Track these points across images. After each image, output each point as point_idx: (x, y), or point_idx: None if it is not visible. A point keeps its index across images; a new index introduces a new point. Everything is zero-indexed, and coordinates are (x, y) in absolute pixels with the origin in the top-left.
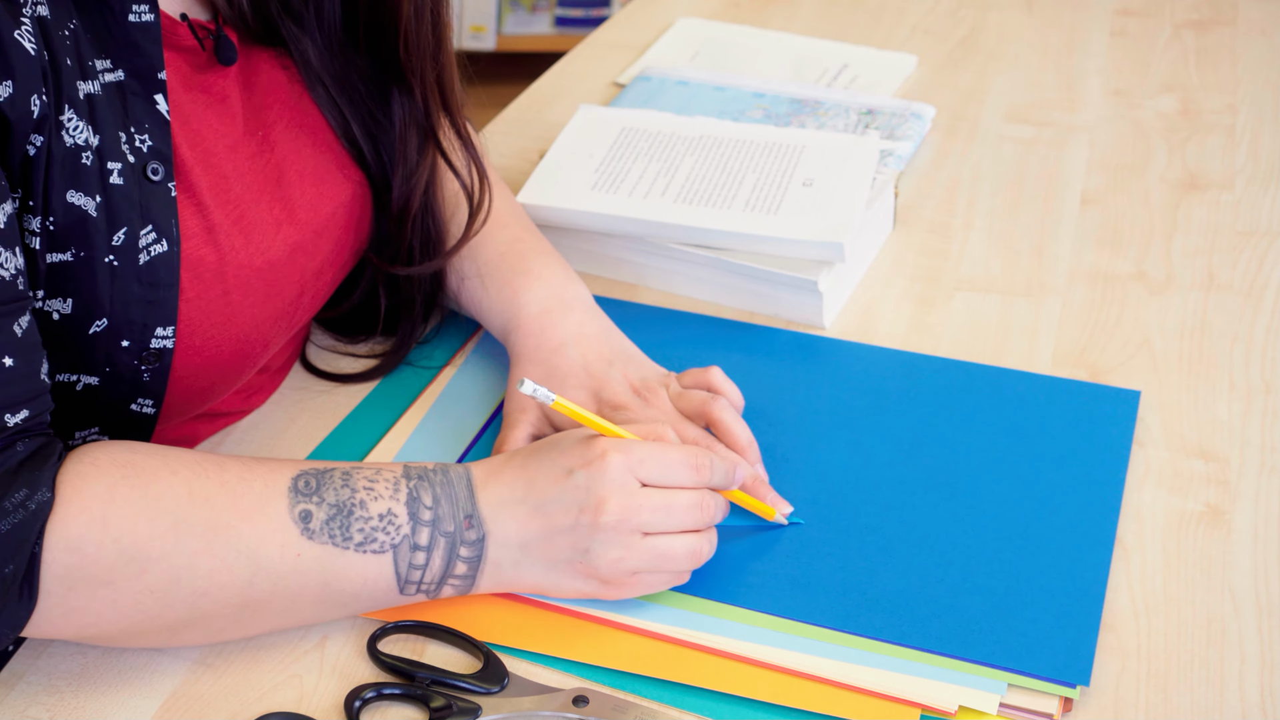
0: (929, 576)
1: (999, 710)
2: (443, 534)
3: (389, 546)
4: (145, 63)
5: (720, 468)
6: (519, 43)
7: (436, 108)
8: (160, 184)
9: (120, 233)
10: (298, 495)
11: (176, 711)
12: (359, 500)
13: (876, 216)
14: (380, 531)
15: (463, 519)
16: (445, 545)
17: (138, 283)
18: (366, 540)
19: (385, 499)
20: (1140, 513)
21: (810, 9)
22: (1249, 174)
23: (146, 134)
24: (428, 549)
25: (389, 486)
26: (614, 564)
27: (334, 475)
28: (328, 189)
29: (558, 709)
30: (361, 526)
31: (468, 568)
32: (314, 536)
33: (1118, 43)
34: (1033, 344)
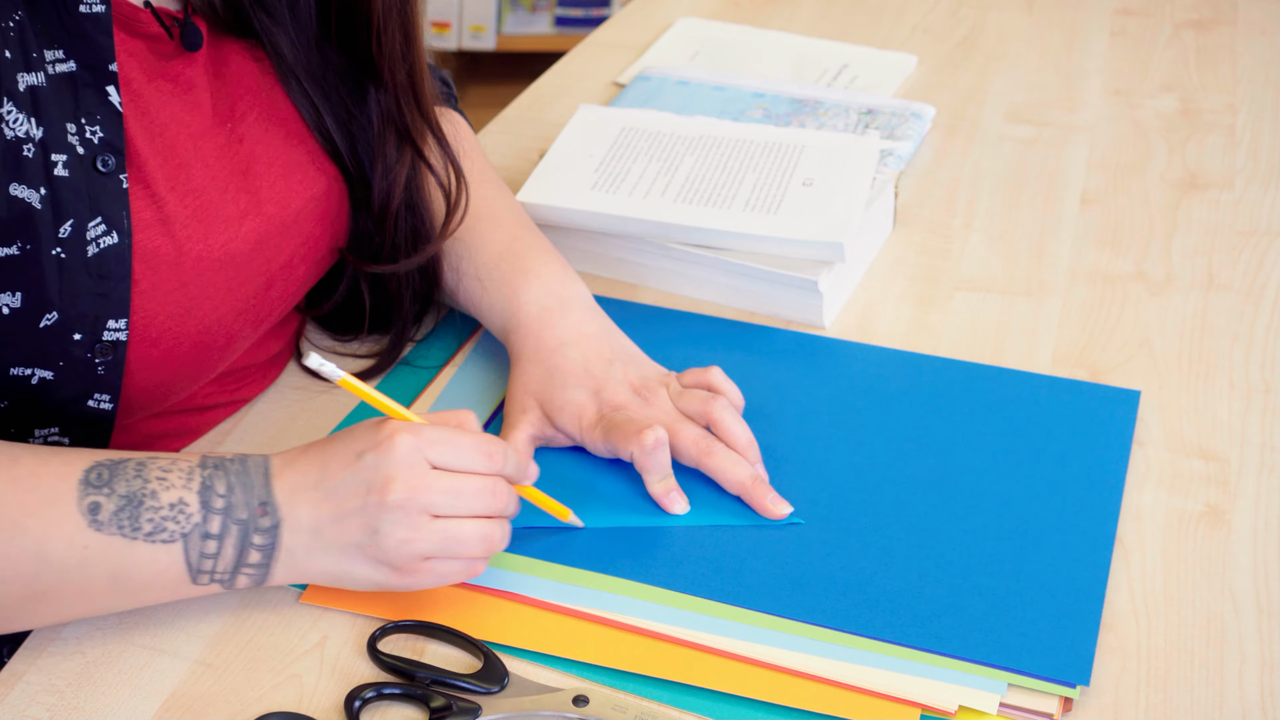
0: (929, 576)
1: (999, 710)
2: (235, 521)
3: (179, 535)
4: (96, 54)
5: (513, 459)
6: (519, 43)
7: (410, 105)
8: (110, 175)
9: (67, 225)
10: (88, 487)
11: (176, 711)
12: (150, 490)
13: (876, 216)
14: (170, 520)
15: (257, 506)
16: (238, 533)
17: (87, 275)
18: (156, 530)
19: (178, 488)
20: (1140, 513)
21: (810, 9)
22: (1249, 174)
23: (98, 125)
24: (219, 537)
25: (182, 476)
26: (402, 545)
27: (128, 466)
28: (298, 182)
29: (558, 709)
30: (151, 516)
31: (261, 555)
32: (102, 528)
33: (1118, 43)
34: (1033, 344)
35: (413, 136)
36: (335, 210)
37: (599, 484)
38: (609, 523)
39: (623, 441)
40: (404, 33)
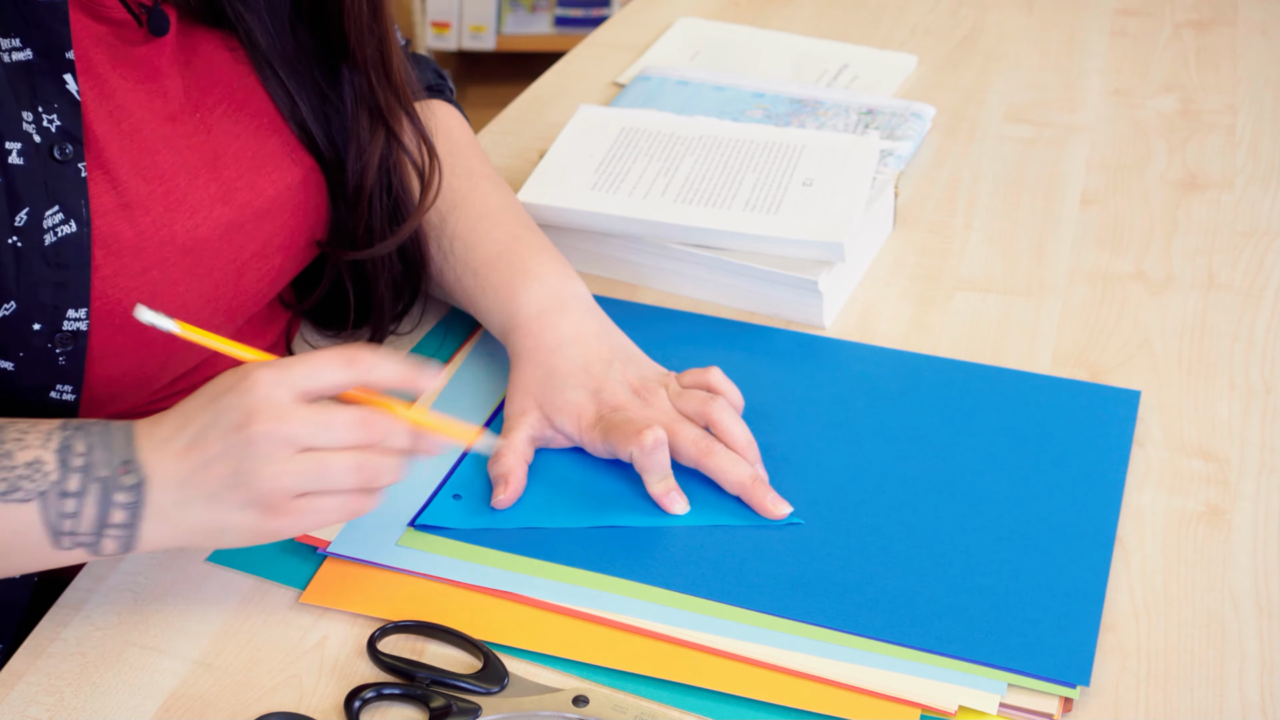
0: (929, 576)
1: (999, 710)
2: (95, 480)
3: (35, 494)
4: (53, 42)
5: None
6: (519, 43)
7: (381, 83)
8: (68, 164)
9: (23, 213)
10: None
11: (176, 711)
12: (5, 450)
13: (876, 216)
14: (25, 480)
15: (118, 465)
16: (98, 491)
17: (45, 264)
18: (10, 489)
19: (34, 448)
20: (1140, 513)
21: (810, 9)
22: (1249, 174)
23: (55, 114)
24: (78, 495)
25: (40, 436)
26: (269, 480)
27: None
28: (271, 172)
29: (558, 709)
30: (6, 475)
31: (127, 515)
32: None
33: (1118, 43)
34: (1033, 344)
35: (385, 115)
36: (313, 201)
37: (599, 484)
38: (609, 522)
39: (622, 442)
40: (371, 8)
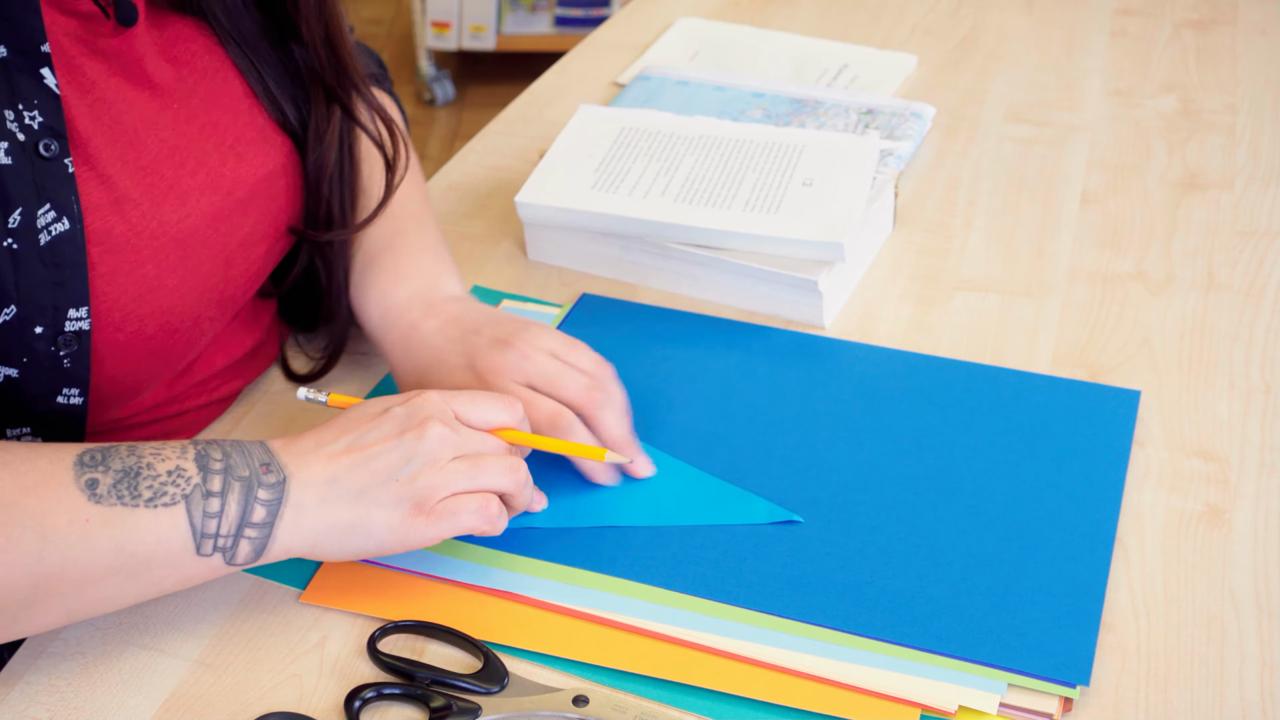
0: (929, 576)
1: (999, 710)
2: (237, 478)
3: (180, 498)
4: (26, 36)
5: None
6: (519, 43)
7: (332, 65)
8: (55, 160)
9: (15, 214)
10: (83, 467)
11: (176, 711)
12: (145, 463)
13: (876, 216)
14: (170, 485)
15: (259, 465)
16: (241, 489)
17: (41, 264)
18: (156, 495)
19: (173, 459)
20: (1140, 513)
21: (810, 9)
22: (1249, 174)
23: (36, 110)
24: (221, 494)
25: (176, 449)
26: (432, 475)
27: (119, 448)
28: (254, 157)
29: (558, 709)
30: (150, 484)
31: (266, 512)
32: (101, 500)
33: (1118, 43)
34: (1033, 344)
35: (339, 96)
36: (292, 186)
37: (576, 485)
38: (609, 522)
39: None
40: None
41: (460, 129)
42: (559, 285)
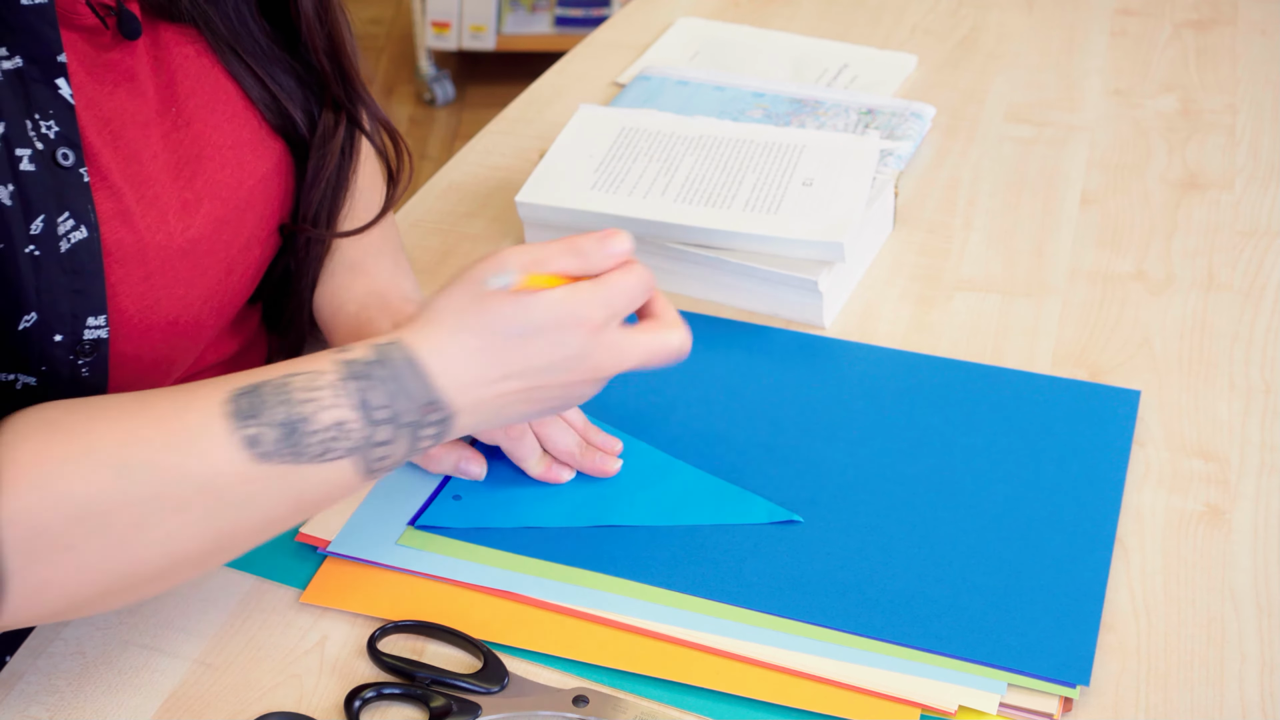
0: (929, 576)
1: (999, 710)
2: (404, 426)
3: (348, 451)
4: (43, 47)
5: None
6: (519, 43)
7: (335, 74)
8: (71, 169)
9: (38, 221)
10: (238, 420)
11: (176, 711)
12: (304, 414)
13: (876, 216)
14: (335, 441)
15: (423, 406)
16: (408, 434)
17: (62, 272)
18: (325, 451)
19: (331, 408)
20: (1140, 513)
21: (810, 9)
22: (1249, 174)
23: (52, 120)
24: (389, 443)
25: (331, 393)
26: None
27: (267, 390)
28: (248, 161)
29: (558, 709)
30: (316, 439)
31: (431, 441)
32: (269, 459)
33: (1118, 43)
34: (1033, 344)
35: (344, 103)
36: (284, 186)
37: (598, 484)
38: (609, 522)
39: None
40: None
41: (460, 129)
42: None
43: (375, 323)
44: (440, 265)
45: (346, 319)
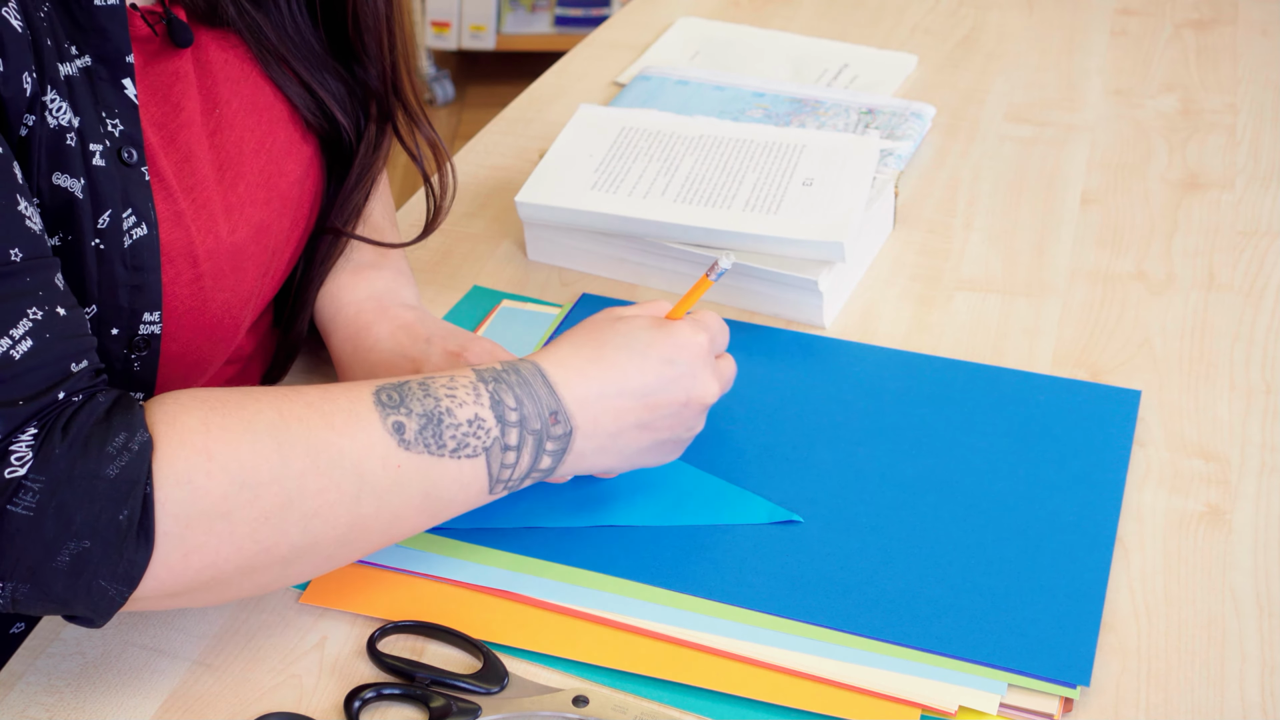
0: (929, 576)
1: (999, 710)
2: (530, 432)
3: (482, 450)
4: (113, 47)
5: None
6: (519, 42)
7: (388, 85)
8: (134, 167)
9: (105, 215)
10: (384, 408)
11: (176, 711)
12: (445, 408)
13: (876, 216)
14: (472, 436)
15: (548, 416)
16: (533, 442)
17: (123, 266)
18: (460, 445)
19: (470, 404)
20: (1140, 513)
21: (810, 9)
22: (1249, 174)
23: (117, 118)
24: (517, 448)
25: (469, 392)
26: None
27: (412, 386)
28: (284, 165)
29: (558, 709)
30: (453, 433)
31: (551, 460)
32: (410, 447)
33: (1118, 42)
34: (1033, 344)
35: (391, 115)
36: (315, 188)
37: (598, 484)
38: (609, 522)
39: None
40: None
41: (460, 129)
42: (559, 285)
43: (372, 327)
44: (440, 265)
45: (345, 320)
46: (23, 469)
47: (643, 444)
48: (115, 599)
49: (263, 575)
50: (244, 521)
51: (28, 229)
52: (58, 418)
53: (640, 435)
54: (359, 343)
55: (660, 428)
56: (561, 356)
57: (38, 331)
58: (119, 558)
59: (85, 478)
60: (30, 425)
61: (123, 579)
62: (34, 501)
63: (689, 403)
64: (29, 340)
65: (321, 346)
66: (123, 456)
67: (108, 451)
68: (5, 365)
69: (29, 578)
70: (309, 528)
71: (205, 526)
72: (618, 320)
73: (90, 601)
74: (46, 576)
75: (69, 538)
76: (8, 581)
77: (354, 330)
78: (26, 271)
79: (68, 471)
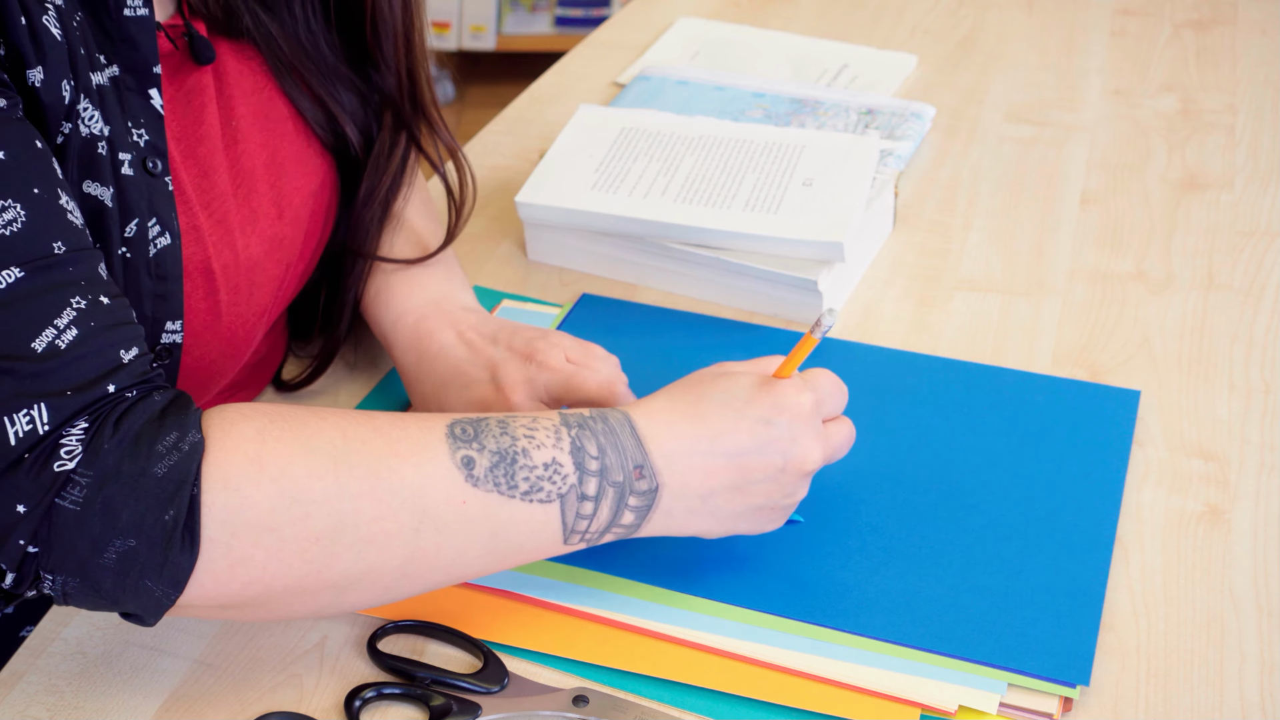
0: (929, 576)
1: (999, 710)
2: (611, 484)
3: (556, 496)
4: (141, 57)
5: None
6: (519, 43)
7: (406, 93)
8: (159, 177)
9: (132, 224)
10: (456, 441)
11: (176, 711)
12: (521, 448)
13: (876, 216)
14: (546, 480)
15: (632, 469)
16: (614, 495)
17: (148, 276)
18: (533, 489)
19: (548, 447)
20: (1140, 513)
21: (810, 9)
22: (1249, 174)
23: (143, 128)
24: (595, 499)
25: (550, 434)
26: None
27: (489, 423)
28: (300, 177)
29: (558, 709)
30: (527, 475)
31: (634, 516)
32: (478, 484)
33: (1118, 43)
34: (1033, 344)
35: (410, 124)
36: (330, 201)
37: None
38: None
39: None
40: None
41: (460, 129)
42: (559, 285)
43: (436, 334)
44: None
45: (406, 329)
46: (72, 462)
47: (737, 508)
48: (162, 601)
49: (314, 599)
50: (293, 539)
51: (69, 222)
52: (110, 413)
53: (733, 498)
54: (423, 350)
55: (755, 492)
56: (654, 409)
57: (82, 320)
58: (164, 559)
59: (132, 475)
60: (82, 419)
61: (168, 581)
62: (81, 496)
63: (786, 468)
64: (74, 329)
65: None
66: (172, 455)
67: (157, 450)
68: (52, 355)
69: (78, 572)
70: (363, 555)
71: (252, 538)
72: (721, 375)
73: (138, 601)
74: (95, 573)
75: (115, 535)
76: (58, 575)
77: (416, 338)
78: (69, 262)
79: (115, 467)
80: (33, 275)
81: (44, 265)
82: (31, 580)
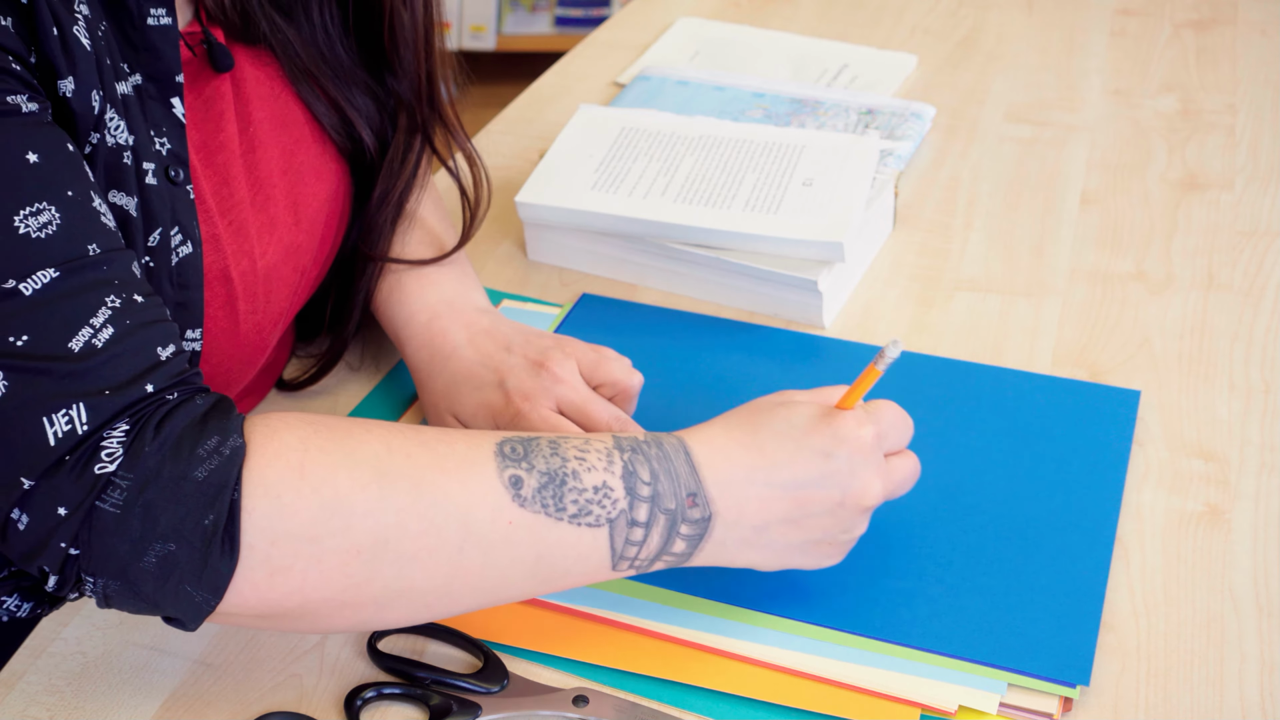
0: (929, 576)
1: (999, 710)
2: (663, 511)
3: (605, 520)
4: (164, 66)
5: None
6: (519, 43)
7: (423, 97)
8: (181, 185)
9: (155, 233)
10: (505, 460)
11: (176, 711)
12: (571, 470)
13: (876, 216)
14: (595, 504)
15: (685, 497)
16: (665, 522)
17: (170, 284)
18: (581, 512)
19: (599, 470)
20: (1140, 513)
21: (810, 9)
22: (1249, 174)
23: (165, 137)
24: (646, 525)
25: (601, 457)
26: (856, 537)
27: (540, 443)
28: (313, 184)
29: (558, 709)
30: (575, 498)
31: (686, 545)
32: (526, 504)
33: (1118, 43)
34: (1033, 344)
35: (425, 128)
36: (344, 206)
37: None
38: None
39: None
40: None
41: None
42: (559, 285)
43: (449, 333)
44: None
45: (419, 327)
46: (113, 465)
47: (792, 541)
48: (202, 606)
49: (355, 613)
50: (334, 551)
51: (103, 224)
52: (152, 415)
53: (789, 531)
54: (435, 350)
55: (812, 526)
56: (710, 435)
57: (118, 319)
58: (204, 564)
59: (173, 478)
60: (123, 420)
61: (208, 587)
62: (121, 499)
63: (844, 501)
64: (110, 328)
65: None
66: (213, 460)
67: (198, 454)
68: (89, 354)
69: (119, 575)
70: (405, 571)
71: (292, 548)
72: (781, 405)
73: (179, 605)
74: (135, 576)
75: (155, 539)
76: (99, 577)
77: (429, 337)
78: (104, 263)
79: (156, 470)
80: (68, 276)
81: (79, 266)
82: (74, 582)
